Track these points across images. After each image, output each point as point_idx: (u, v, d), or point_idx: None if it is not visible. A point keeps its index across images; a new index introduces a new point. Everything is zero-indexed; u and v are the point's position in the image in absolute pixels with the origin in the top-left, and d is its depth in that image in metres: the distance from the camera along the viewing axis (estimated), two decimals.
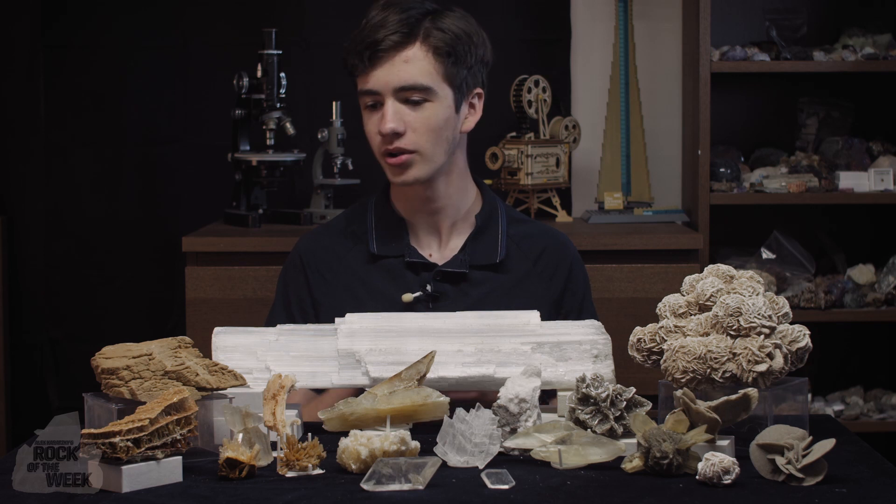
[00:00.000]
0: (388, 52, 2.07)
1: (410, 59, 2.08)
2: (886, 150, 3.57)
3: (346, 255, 2.19)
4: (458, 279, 2.15)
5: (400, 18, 2.08)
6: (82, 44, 3.66)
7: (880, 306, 3.43)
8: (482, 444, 1.64)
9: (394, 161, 2.10)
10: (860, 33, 3.55)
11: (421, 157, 2.10)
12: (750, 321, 1.69)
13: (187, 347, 1.74)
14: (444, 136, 2.11)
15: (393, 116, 2.08)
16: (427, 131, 2.09)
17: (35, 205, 3.70)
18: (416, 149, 2.10)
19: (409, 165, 2.10)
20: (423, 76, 2.08)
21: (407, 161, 2.10)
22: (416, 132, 2.09)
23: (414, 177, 2.11)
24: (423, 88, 2.08)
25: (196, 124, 3.66)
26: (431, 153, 2.11)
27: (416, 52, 2.08)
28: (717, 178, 3.45)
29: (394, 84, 2.08)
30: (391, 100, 2.08)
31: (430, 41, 2.09)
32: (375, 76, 2.08)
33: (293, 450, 1.61)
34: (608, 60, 3.63)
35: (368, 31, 2.09)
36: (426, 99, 2.09)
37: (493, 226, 2.20)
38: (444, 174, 2.15)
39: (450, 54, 2.09)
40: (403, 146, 2.09)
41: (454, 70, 2.10)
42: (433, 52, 2.09)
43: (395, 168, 2.11)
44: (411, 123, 2.08)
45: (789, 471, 1.56)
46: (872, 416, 3.48)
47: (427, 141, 2.10)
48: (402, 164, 2.10)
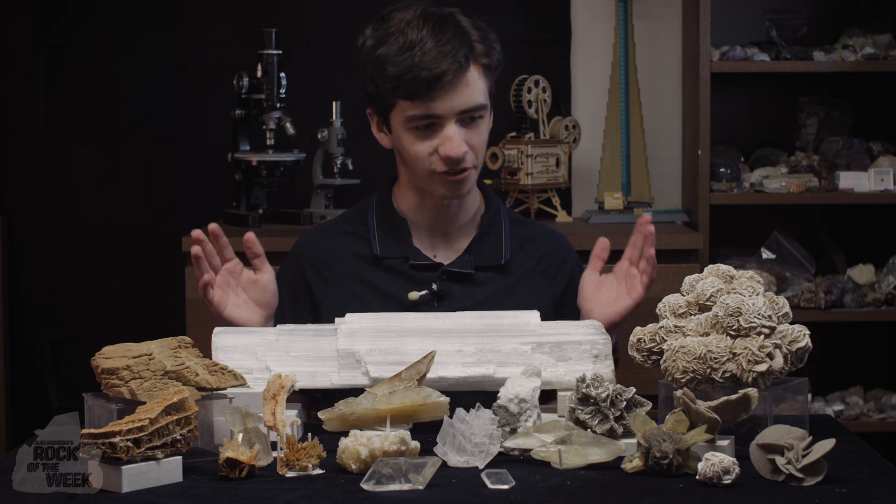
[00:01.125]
0: (453, 80, 2.06)
1: (470, 81, 2.08)
2: (886, 150, 3.57)
3: (346, 255, 2.19)
4: (463, 279, 2.16)
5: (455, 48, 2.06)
6: (82, 44, 3.66)
7: (880, 306, 3.43)
8: (482, 444, 1.64)
9: (456, 178, 2.11)
10: (860, 33, 3.55)
11: (475, 171, 2.14)
12: (750, 321, 1.69)
13: (187, 347, 1.74)
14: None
15: (461, 141, 2.09)
16: (481, 146, 2.14)
17: (35, 205, 3.70)
18: (475, 164, 2.13)
19: (467, 181, 2.13)
20: (481, 96, 2.10)
21: (467, 177, 2.12)
22: (475, 149, 2.12)
23: (468, 189, 2.15)
24: (482, 107, 2.11)
25: (196, 124, 3.66)
26: (481, 164, 2.16)
27: (473, 74, 2.09)
28: (717, 178, 3.45)
29: (458, 108, 2.08)
30: (454, 125, 2.08)
31: (481, 60, 2.10)
32: (438, 103, 2.06)
33: (293, 450, 1.61)
34: (608, 60, 3.63)
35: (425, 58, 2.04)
36: (482, 116, 2.12)
37: (497, 227, 2.21)
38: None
39: (495, 70, 2.13)
40: (466, 165, 2.11)
41: (493, 82, 2.14)
42: (484, 71, 2.11)
43: (457, 184, 2.12)
44: (470, 142, 2.11)
45: (789, 471, 1.56)
46: (872, 416, 3.48)
47: (481, 155, 2.14)
48: (463, 180, 2.12)
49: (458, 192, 2.13)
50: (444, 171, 2.10)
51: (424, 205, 2.18)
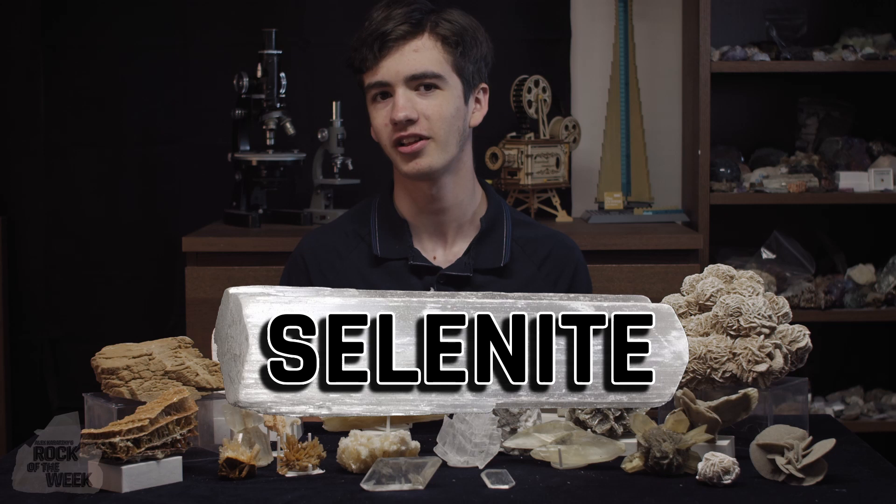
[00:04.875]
0: (398, 42, 2.08)
1: (420, 48, 2.09)
2: (886, 150, 3.57)
3: (349, 255, 2.19)
4: (461, 283, 2.14)
5: (405, 11, 2.10)
6: (82, 44, 3.66)
7: (880, 306, 3.43)
8: (482, 444, 1.64)
9: (407, 149, 2.09)
10: (860, 33, 3.55)
11: (435, 145, 2.10)
12: (750, 321, 1.69)
13: (187, 347, 1.74)
14: (455, 125, 2.11)
15: (405, 104, 2.08)
16: (439, 118, 2.09)
17: (35, 205, 3.70)
18: (431, 135, 2.09)
19: (424, 153, 2.09)
20: (433, 64, 2.09)
21: (421, 148, 2.09)
22: (430, 119, 2.09)
23: (428, 164, 2.10)
24: (433, 76, 2.09)
25: (196, 124, 3.66)
26: (445, 140, 2.10)
27: (426, 42, 2.10)
28: (717, 178, 3.45)
29: (404, 73, 2.08)
30: (402, 88, 2.09)
31: (437, 31, 2.11)
32: (385, 67, 2.09)
33: (293, 450, 1.61)
34: (608, 60, 3.63)
35: (375, 25, 2.10)
36: (436, 86, 2.10)
37: (498, 229, 2.19)
38: (451, 172, 2.14)
39: (458, 44, 2.11)
40: (418, 132, 2.08)
41: (462, 61, 2.12)
42: (441, 42, 2.10)
43: (408, 156, 2.09)
44: (423, 111, 2.08)
45: (789, 471, 1.56)
46: (872, 416, 3.48)
47: (440, 128, 2.10)
48: (416, 151, 2.09)
49: (416, 167, 2.09)
50: (396, 140, 2.09)
51: (415, 202, 2.17)
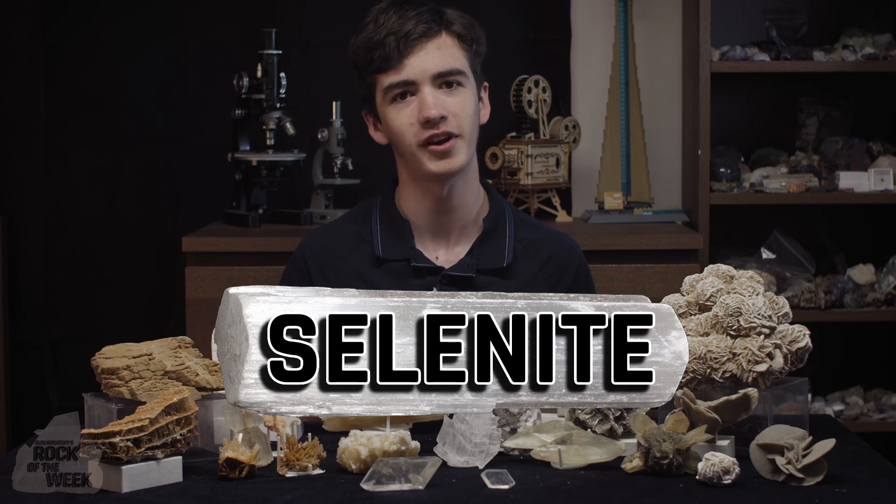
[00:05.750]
0: (421, 41, 2.07)
1: (442, 46, 2.08)
2: (886, 150, 3.57)
3: (350, 255, 2.19)
4: (464, 283, 2.14)
5: (420, 12, 2.09)
6: (82, 44, 3.66)
7: (880, 306, 3.43)
8: (482, 444, 1.64)
9: (440, 147, 2.07)
10: (860, 33, 3.55)
11: (462, 142, 2.09)
12: (750, 321, 1.69)
13: (187, 347, 1.74)
14: (476, 122, 2.12)
15: (436, 101, 2.06)
16: (466, 115, 2.09)
17: (35, 205, 3.70)
18: (459, 132, 2.08)
19: (454, 151, 2.08)
20: (457, 61, 2.09)
21: (452, 146, 2.08)
22: (458, 116, 2.08)
23: (459, 163, 2.09)
24: (458, 72, 2.09)
25: (196, 124, 3.66)
26: (470, 137, 2.10)
27: (446, 40, 2.09)
28: (717, 178, 3.45)
29: (431, 70, 2.07)
30: (428, 87, 2.07)
31: (453, 29, 2.10)
32: (410, 65, 2.07)
33: (293, 450, 1.61)
34: (608, 60, 3.63)
35: (391, 26, 2.08)
36: (460, 83, 2.09)
37: (501, 229, 2.19)
38: (463, 172, 2.13)
39: (472, 42, 2.12)
40: (448, 130, 2.07)
41: (475, 58, 2.13)
42: (459, 40, 2.10)
43: (439, 155, 2.08)
44: (451, 108, 2.07)
45: (789, 471, 1.56)
46: (872, 416, 3.48)
47: (467, 125, 2.09)
48: (448, 149, 2.07)
49: (448, 166, 2.08)
50: (426, 140, 2.07)
51: (424, 202, 2.16)
